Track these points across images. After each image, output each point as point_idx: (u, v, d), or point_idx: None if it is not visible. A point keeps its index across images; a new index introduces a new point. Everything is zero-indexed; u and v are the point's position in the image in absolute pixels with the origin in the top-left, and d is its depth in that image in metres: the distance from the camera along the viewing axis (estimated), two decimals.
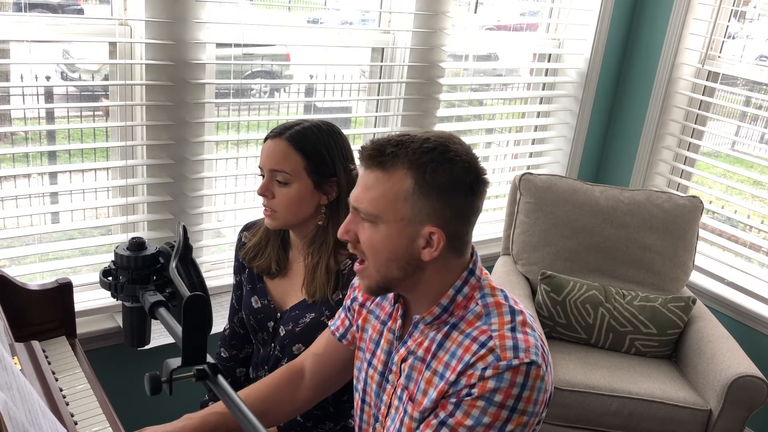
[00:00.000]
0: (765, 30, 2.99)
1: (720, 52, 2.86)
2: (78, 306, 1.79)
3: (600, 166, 3.24)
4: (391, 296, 1.26)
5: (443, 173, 1.08)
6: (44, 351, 1.52)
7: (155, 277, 1.10)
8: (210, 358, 0.94)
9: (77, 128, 2.44)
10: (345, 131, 1.55)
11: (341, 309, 1.39)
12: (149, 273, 1.09)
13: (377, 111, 2.59)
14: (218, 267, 2.35)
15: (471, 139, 3.01)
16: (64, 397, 1.42)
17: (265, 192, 1.47)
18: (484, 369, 1.06)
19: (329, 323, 1.41)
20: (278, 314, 1.58)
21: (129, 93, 2.04)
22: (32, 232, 2.07)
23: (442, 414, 1.09)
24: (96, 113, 2.37)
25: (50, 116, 2.33)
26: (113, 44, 1.97)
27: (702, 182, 3.05)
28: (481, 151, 3.03)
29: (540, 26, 3.04)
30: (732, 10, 2.80)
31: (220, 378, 0.93)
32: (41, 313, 1.65)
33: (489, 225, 3.07)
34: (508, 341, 1.08)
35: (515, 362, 1.05)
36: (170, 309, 1.05)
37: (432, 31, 2.49)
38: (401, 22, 2.47)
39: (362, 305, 1.33)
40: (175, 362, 0.92)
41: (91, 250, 2.23)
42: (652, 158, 3.03)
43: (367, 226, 1.11)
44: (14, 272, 1.85)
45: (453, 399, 1.09)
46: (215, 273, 2.33)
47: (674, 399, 2.22)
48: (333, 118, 2.28)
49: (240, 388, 1.66)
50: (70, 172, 2.23)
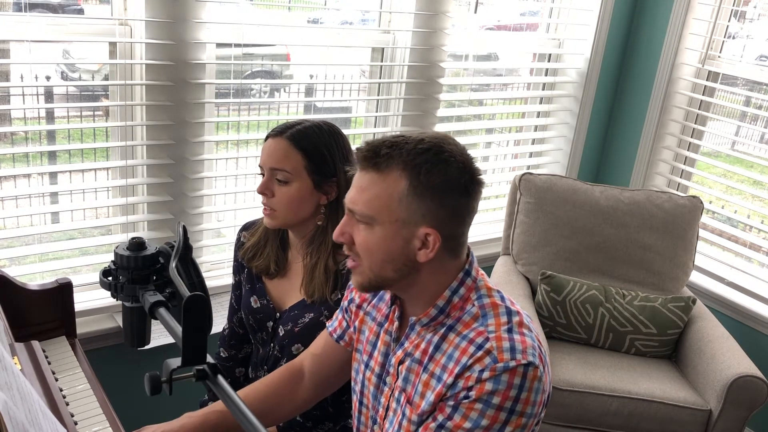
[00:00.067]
0: (765, 30, 2.99)
1: (720, 52, 2.85)
2: (78, 306, 1.79)
3: (600, 166, 3.24)
4: (388, 298, 1.25)
5: (438, 174, 1.07)
6: (44, 351, 1.52)
7: (155, 277, 1.10)
8: (210, 358, 0.94)
9: (77, 128, 2.44)
10: (345, 131, 1.55)
11: (339, 310, 1.38)
12: (149, 273, 1.09)
13: (377, 111, 2.59)
14: (218, 267, 2.35)
15: (471, 139, 3.01)
16: (64, 397, 1.42)
17: (265, 190, 1.47)
18: (482, 371, 1.06)
19: (327, 324, 1.40)
20: (277, 314, 1.58)
21: (129, 93, 2.04)
22: (32, 232, 2.07)
23: (441, 417, 1.09)
24: (96, 113, 2.37)
25: (50, 116, 2.33)
26: (113, 44, 1.97)
27: (702, 182, 3.05)
28: (481, 151, 3.03)
29: (540, 26, 3.04)
30: (732, 10, 2.80)
31: (220, 378, 0.93)
32: (41, 313, 1.65)
33: (489, 225, 3.07)
34: (505, 343, 1.07)
35: (512, 364, 1.05)
36: (170, 309, 1.05)
37: (432, 31, 2.49)
38: (401, 22, 2.47)
39: (359, 306, 1.32)
40: (175, 362, 0.92)
41: (91, 250, 2.24)
42: (652, 158, 3.03)
43: (363, 228, 1.11)
44: (14, 272, 1.85)
45: (451, 402, 1.08)
46: (215, 273, 2.33)
47: (674, 399, 2.22)
48: (333, 118, 2.28)
49: (239, 388, 1.66)
50: (70, 172, 2.23)
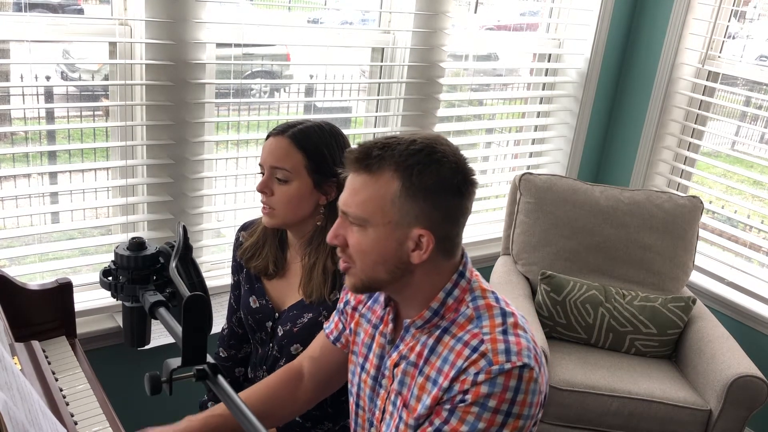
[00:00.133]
0: (765, 30, 2.99)
1: (720, 52, 2.85)
2: (78, 306, 1.79)
3: (600, 166, 3.24)
4: (383, 300, 1.24)
5: (430, 174, 1.06)
6: (44, 351, 1.52)
7: (155, 277, 1.10)
8: (210, 358, 0.94)
9: (77, 128, 2.44)
10: (345, 131, 1.55)
11: (335, 312, 1.38)
12: (149, 273, 1.09)
13: (377, 111, 2.59)
14: (218, 267, 2.35)
15: (471, 139, 3.01)
16: (64, 397, 1.42)
17: (264, 189, 1.46)
18: (477, 374, 1.05)
19: (324, 325, 1.40)
20: (276, 314, 1.58)
21: (129, 93, 2.04)
22: (32, 232, 2.07)
23: (437, 421, 1.08)
24: (96, 113, 2.38)
25: (50, 116, 2.33)
26: (113, 44, 1.97)
27: (702, 182, 3.05)
28: (481, 151, 3.03)
29: (540, 26, 3.04)
30: (732, 10, 2.80)
31: (220, 378, 0.93)
32: (41, 313, 1.65)
33: (489, 225, 3.07)
34: (500, 345, 1.07)
35: (507, 366, 1.04)
36: (170, 309, 1.05)
37: (432, 31, 2.49)
38: (401, 22, 2.47)
39: (354, 308, 1.31)
40: (175, 362, 0.92)
41: (91, 250, 2.24)
42: (652, 158, 3.03)
43: (356, 230, 1.10)
44: (14, 272, 1.85)
45: (447, 405, 1.08)
46: (215, 273, 2.33)
47: (674, 399, 2.22)
48: (333, 118, 2.28)
49: (239, 388, 1.66)
50: (70, 172, 2.23)
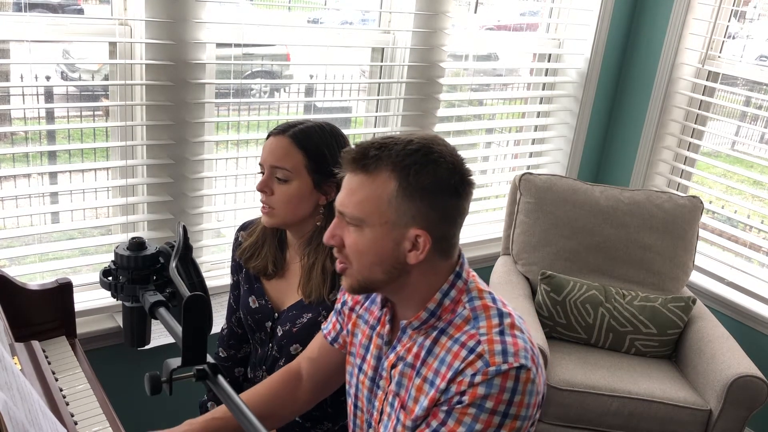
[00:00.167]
0: (765, 30, 2.99)
1: (720, 52, 2.85)
2: (78, 306, 1.79)
3: (600, 166, 3.24)
4: (379, 301, 1.24)
5: (427, 175, 1.06)
6: (44, 351, 1.52)
7: (155, 277, 1.10)
8: (210, 358, 0.94)
9: (77, 128, 2.44)
10: (345, 131, 1.55)
11: (333, 312, 1.38)
12: (149, 273, 1.09)
13: (377, 111, 2.59)
14: (218, 267, 2.35)
15: (471, 139, 3.01)
16: (64, 397, 1.42)
17: (264, 188, 1.46)
18: (474, 375, 1.05)
19: (322, 326, 1.40)
20: (276, 314, 1.57)
21: (129, 93, 2.04)
22: (32, 232, 2.07)
23: (434, 423, 1.08)
24: (96, 113, 2.37)
25: (50, 116, 2.33)
26: (113, 44, 1.97)
27: (702, 182, 3.05)
28: (481, 151, 3.03)
29: (540, 26, 3.04)
30: (732, 10, 2.80)
31: (220, 378, 0.93)
32: (41, 313, 1.65)
33: (489, 225, 3.07)
34: (497, 346, 1.06)
35: (504, 367, 1.04)
36: (170, 309, 1.05)
37: (432, 31, 2.49)
38: (401, 22, 2.47)
39: (351, 309, 1.31)
40: (175, 362, 0.92)
41: (91, 250, 2.23)
42: (652, 158, 3.03)
43: (353, 230, 1.10)
44: (14, 272, 1.85)
45: (444, 407, 1.07)
46: (215, 273, 2.33)
47: (674, 399, 2.22)
48: (333, 118, 2.28)
49: (239, 388, 1.66)
50: (70, 172, 2.23)
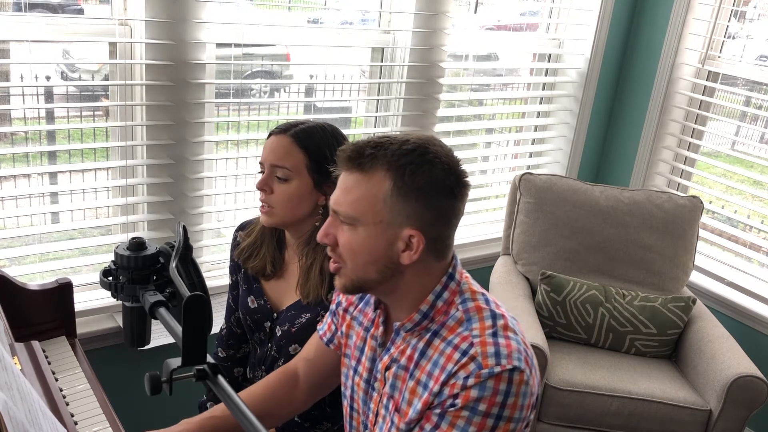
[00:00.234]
0: (765, 30, 2.99)
1: (720, 52, 2.85)
2: (78, 306, 1.79)
3: (600, 166, 3.24)
4: (373, 302, 1.24)
5: (422, 175, 1.06)
6: (44, 351, 1.52)
7: (155, 277, 1.10)
8: (210, 358, 0.94)
9: (77, 128, 2.44)
10: (345, 131, 1.55)
11: (328, 314, 1.37)
12: (149, 273, 1.09)
13: (377, 111, 2.59)
14: (218, 267, 2.35)
15: (471, 139, 3.01)
16: (64, 397, 1.42)
17: (264, 187, 1.46)
18: (466, 378, 1.04)
19: (318, 327, 1.40)
20: (274, 314, 1.57)
21: (129, 93, 2.04)
22: (32, 232, 2.07)
23: (428, 426, 1.08)
24: (96, 113, 2.37)
25: (50, 116, 2.33)
26: (113, 44, 1.97)
27: (702, 182, 3.05)
28: (481, 151, 3.03)
29: (540, 26, 3.04)
30: (732, 10, 2.80)
31: (220, 378, 0.93)
32: (41, 313, 1.65)
33: (489, 225, 3.07)
34: (490, 348, 1.06)
35: (497, 369, 1.04)
36: (170, 309, 1.05)
37: (432, 31, 2.49)
38: (401, 22, 2.47)
39: (346, 310, 1.31)
40: (175, 362, 0.92)
41: (91, 250, 2.23)
42: (652, 158, 3.03)
43: (347, 229, 1.10)
44: (14, 272, 1.85)
45: (437, 410, 1.07)
46: (215, 273, 2.33)
47: (674, 399, 2.22)
48: (333, 118, 2.28)
49: (238, 388, 1.65)
50: (70, 172, 2.23)
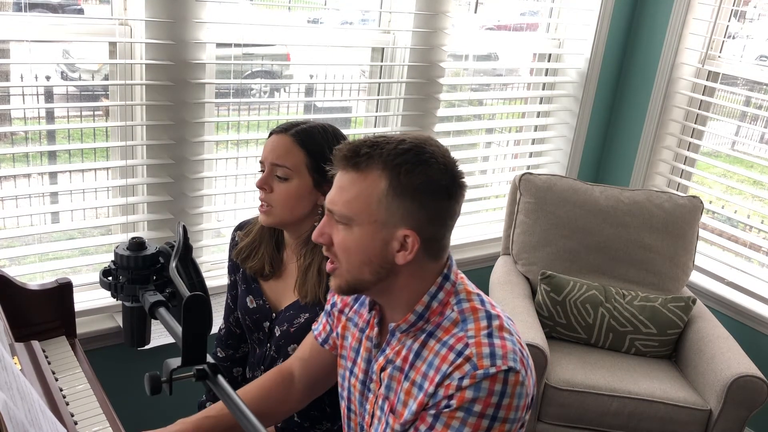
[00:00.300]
0: (765, 30, 2.99)
1: (720, 52, 2.86)
2: (78, 306, 1.79)
3: (600, 166, 3.24)
4: (368, 303, 1.23)
5: (418, 175, 1.05)
6: (44, 351, 1.52)
7: (155, 277, 1.10)
8: (210, 358, 0.94)
9: (77, 128, 2.43)
10: (345, 131, 1.55)
11: (323, 314, 1.37)
12: (149, 273, 1.09)
13: (377, 111, 2.59)
14: (218, 267, 2.35)
15: (471, 139, 3.01)
16: (64, 397, 1.42)
17: (264, 185, 1.46)
18: (461, 379, 1.04)
19: (313, 327, 1.39)
20: (273, 314, 1.57)
21: (129, 93, 2.04)
22: (32, 232, 2.07)
23: (423, 427, 1.08)
24: (96, 113, 2.37)
25: (50, 116, 2.32)
26: (113, 44, 1.97)
27: (702, 182, 3.05)
28: (481, 151, 3.03)
29: (540, 26, 3.04)
30: (732, 10, 2.80)
31: (220, 378, 0.93)
32: (41, 313, 1.65)
33: (489, 225, 3.07)
34: (485, 348, 1.05)
35: (492, 370, 1.03)
36: (170, 309, 1.05)
37: (432, 31, 2.49)
38: (401, 22, 2.47)
39: (341, 312, 1.30)
40: (175, 362, 0.92)
41: (91, 250, 2.23)
42: (652, 158, 3.03)
43: (341, 228, 1.09)
44: (14, 272, 1.85)
45: (432, 411, 1.07)
46: (215, 273, 2.33)
47: (674, 399, 2.22)
48: (333, 118, 2.28)
49: (237, 388, 1.65)
50: (70, 172, 2.22)
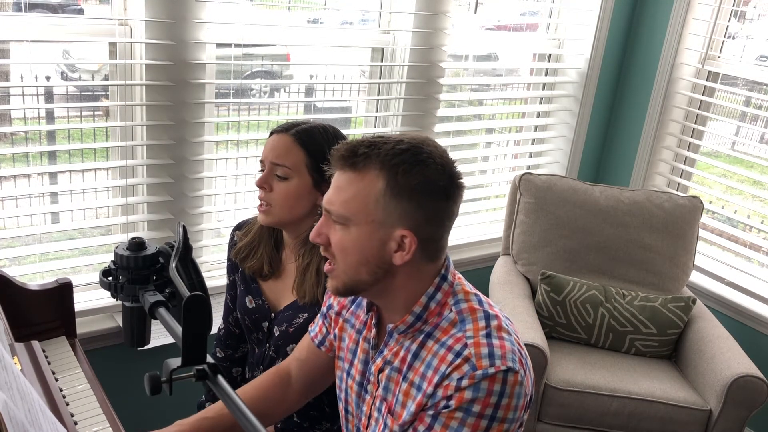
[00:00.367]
0: (765, 30, 2.99)
1: (720, 52, 2.85)
2: (78, 306, 1.79)
3: (600, 166, 3.24)
4: (365, 304, 1.23)
5: (416, 175, 1.05)
6: (44, 351, 1.52)
7: (155, 277, 1.10)
8: (210, 358, 0.94)
9: (77, 128, 2.43)
10: (345, 131, 1.55)
11: (319, 315, 1.37)
12: (149, 273, 1.09)
13: (377, 111, 2.59)
14: (218, 267, 2.35)
15: (471, 139, 3.01)
16: (64, 397, 1.42)
17: (263, 184, 1.46)
18: (460, 379, 1.04)
19: (309, 328, 1.39)
20: (272, 314, 1.57)
21: (129, 93, 2.04)
22: (32, 232, 2.07)
23: (421, 428, 1.08)
24: (96, 113, 2.37)
25: (50, 116, 2.32)
26: (113, 44, 1.97)
27: (702, 182, 3.05)
28: (481, 151, 3.03)
29: (540, 26, 3.04)
30: (732, 10, 2.80)
31: (220, 378, 0.93)
32: (41, 313, 1.65)
33: (489, 225, 3.07)
34: (484, 349, 1.05)
35: (491, 371, 1.03)
36: (170, 309, 1.05)
37: (432, 31, 2.49)
38: (401, 22, 2.47)
39: (338, 314, 1.30)
40: (175, 362, 0.92)
41: (91, 250, 2.23)
42: (652, 158, 3.03)
43: (339, 229, 1.09)
44: (14, 272, 1.85)
45: (431, 411, 1.07)
46: (215, 273, 2.33)
47: (674, 399, 2.22)
48: (333, 118, 2.28)
49: (237, 388, 1.65)
50: (70, 172, 2.23)
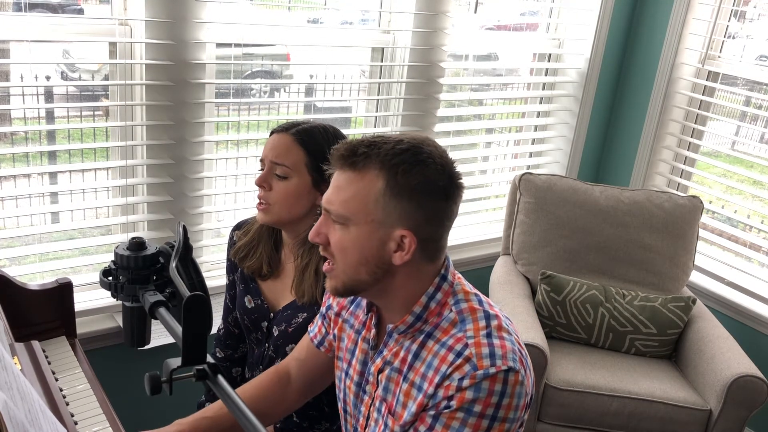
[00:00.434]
0: (765, 30, 2.99)
1: (720, 52, 2.86)
2: (78, 306, 1.79)
3: (600, 166, 3.24)
4: (364, 304, 1.23)
5: (415, 175, 1.05)
6: (44, 351, 1.52)
7: (155, 277, 1.10)
8: (210, 358, 0.94)
9: (77, 128, 2.43)
10: (345, 131, 1.55)
11: (318, 316, 1.37)
12: (149, 273, 1.09)
13: (377, 111, 2.59)
14: (218, 267, 2.35)
15: (471, 139, 3.01)
16: (64, 397, 1.42)
17: (263, 183, 1.46)
18: (461, 379, 1.04)
19: (308, 329, 1.39)
20: (271, 314, 1.57)
21: (129, 93, 2.04)
22: (32, 232, 2.07)
23: (422, 428, 1.07)
24: (96, 113, 2.37)
25: (50, 116, 2.32)
26: (113, 44, 1.97)
27: (702, 182, 3.05)
28: (481, 151, 3.03)
29: (540, 26, 3.04)
30: (732, 10, 2.80)
31: (220, 378, 0.93)
32: (41, 313, 1.65)
33: (489, 225, 3.07)
34: (484, 348, 1.05)
35: (492, 370, 1.03)
36: (170, 309, 1.05)
37: (432, 31, 2.49)
38: (401, 22, 2.47)
39: (337, 314, 1.30)
40: (175, 362, 0.92)
41: (91, 250, 2.23)
42: (652, 158, 3.03)
43: (338, 228, 1.09)
44: (14, 272, 1.85)
45: (432, 412, 1.07)
46: (215, 273, 2.33)
47: (674, 399, 2.22)
48: (333, 118, 2.28)
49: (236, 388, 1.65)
50: (70, 172, 2.22)
